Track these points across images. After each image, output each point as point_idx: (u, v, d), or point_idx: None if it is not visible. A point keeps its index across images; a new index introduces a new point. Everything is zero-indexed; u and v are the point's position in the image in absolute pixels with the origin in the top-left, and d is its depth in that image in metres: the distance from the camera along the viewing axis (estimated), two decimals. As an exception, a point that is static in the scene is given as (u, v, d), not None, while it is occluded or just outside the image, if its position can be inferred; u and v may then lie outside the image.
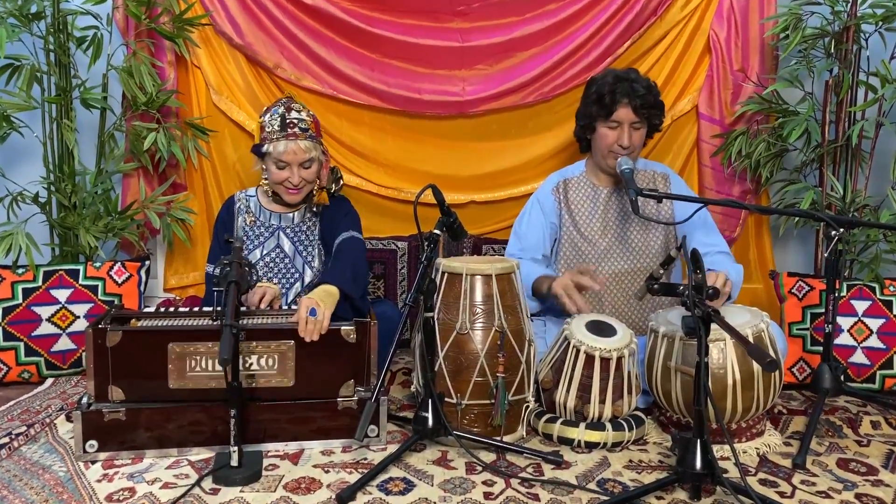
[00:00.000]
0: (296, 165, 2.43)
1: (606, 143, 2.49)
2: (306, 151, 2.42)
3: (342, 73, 3.03)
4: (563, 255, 2.58)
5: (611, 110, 2.45)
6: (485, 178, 3.16)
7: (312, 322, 2.05)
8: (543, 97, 3.06)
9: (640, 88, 2.44)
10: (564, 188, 2.61)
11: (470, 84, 3.06)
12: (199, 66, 3.03)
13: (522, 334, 2.17)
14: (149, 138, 2.77)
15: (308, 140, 2.43)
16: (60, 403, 2.44)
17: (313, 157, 2.45)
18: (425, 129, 3.13)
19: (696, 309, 1.78)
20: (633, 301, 2.53)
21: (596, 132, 2.53)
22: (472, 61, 3.05)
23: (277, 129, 2.42)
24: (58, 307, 2.69)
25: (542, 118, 3.12)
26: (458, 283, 2.16)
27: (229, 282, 1.87)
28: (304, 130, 2.43)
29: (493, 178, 3.16)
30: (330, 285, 2.20)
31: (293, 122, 2.42)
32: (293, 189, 2.47)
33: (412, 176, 3.16)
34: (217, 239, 2.60)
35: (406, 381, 2.73)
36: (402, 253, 3.16)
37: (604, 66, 3.01)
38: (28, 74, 2.70)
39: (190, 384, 2.03)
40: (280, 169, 2.45)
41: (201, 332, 2.04)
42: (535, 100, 3.06)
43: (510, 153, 3.15)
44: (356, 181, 3.14)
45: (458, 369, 2.13)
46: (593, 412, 2.13)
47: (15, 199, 2.78)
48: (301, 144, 2.41)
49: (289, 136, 2.41)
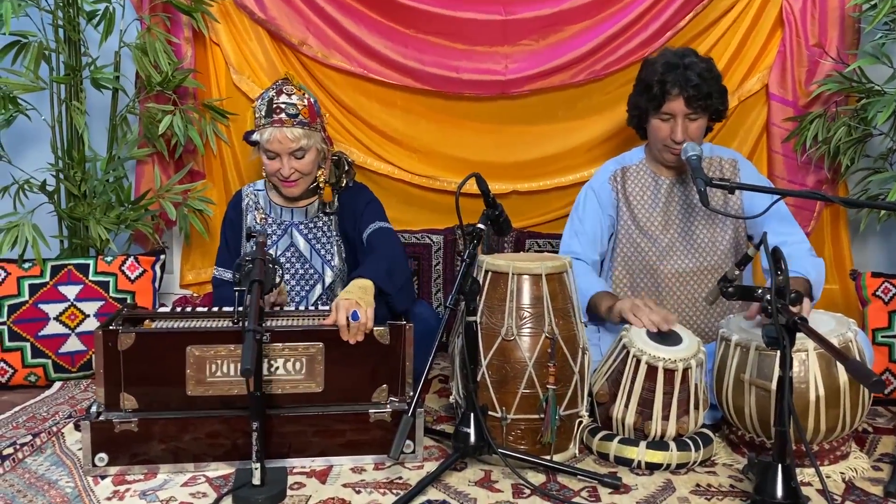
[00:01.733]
0: (285, 155, 2.35)
1: (660, 136, 2.39)
2: (294, 140, 2.33)
3: (373, 51, 2.97)
4: (620, 252, 2.48)
5: (661, 102, 2.35)
6: (528, 166, 3.07)
7: (355, 325, 1.99)
8: (595, 76, 2.96)
9: (694, 77, 2.31)
10: (622, 177, 2.50)
11: (513, 61, 2.96)
12: (219, 43, 2.98)
13: (575, 341, 2.07)
14: (164, 121, 2.73)
15: (298, 127, 2.33)
16: (69, 410, 2.40)
17: (305, 146, 2.36)
18: (463, 112, 3.05)
19: (780, 316, 1.67)
20: (698, 304, 2.42)
21: (649, 124, 2.42)
22: (516, 36, 2.97)
23: (263, 114, 2.35)
24: (66, 305, 2.65)
25: (593, 99, 3.02)
26: (504, 284, 2.07)
27: (252, 281, 1.80)
28: (293, 116, 2.33)
29: (538, 165, 3.07)
30: (363, 279, 2.13)
31: (279, 108, 2.33)
32: (286, 181, 2.39)
33: (448, 163, 3.09)
34: (225, 239, 2.55)
35: (442, 389, 2.65)
36: (438, 247, 3.08)
37: (662, 41, 2.91)
38: (35, 52, 2.66)
39: (210, 391, 1.97)
40: (270, 159, 2.38)
41: (223, 334, 1.98)
42: (586, 78, 2.96)
43: (557, 138, 3.06)
44: (387, 168, 3.08)
45: (503, 380, 2.04)
46: (655, 429, 2.03)
47: (21, 187, 2.77)
48: (288, 132, 2.32)
49: (274, 123, 2.33)
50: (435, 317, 2.55)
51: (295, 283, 2.47)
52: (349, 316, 1.99)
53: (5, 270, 2.63)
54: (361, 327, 2.00)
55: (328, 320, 2.03)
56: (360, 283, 2.12)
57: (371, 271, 2.18)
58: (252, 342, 1.61)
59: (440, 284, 3.09)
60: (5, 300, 2.61)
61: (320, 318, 2.13)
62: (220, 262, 2.54)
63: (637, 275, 2.46)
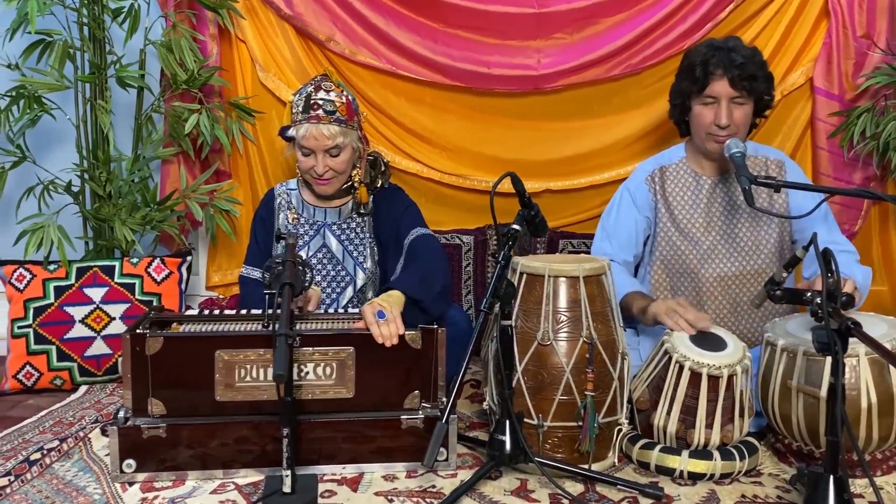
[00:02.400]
0: (320, 153, 2.37)
1: (703, 123, 2.35)
2: (330, 137, 2.34)
3: (402, 46, 2.96)
4: (660, 255, 2.45)
5: (704, 84, 2.32)
6: (562, 164, 3.05)
7: (384, 323, 1.99)
8: (631, 69, 2.93)
9: (739, 57, 2.30)
10: (661, 177, 2.47)
11: (546, 55, 2.94)
12: (245, 40, 2.99)
13: (615, 346, 2.05)
14: (190, 120, 2.75)
15: (335, 124, 2.35)
16: (95, 415, 2.42)
17: (341, 144, 2.37)
18: (494, 108, 3.04)
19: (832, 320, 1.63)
20: (741, 309, 2.39)
21: (692, 112, 2.39)
22: (549, 29, 2.94)
23: (301, 110, 2.37)
24: (92, 307, 2.67)
25: (630, 94, 3.00)
26: (539, 287, 2.05)
27: (283, 284, 1.79)
28: (330, 113, 2.35)
29: (572, 162, 3.05)
30: (391, 291, 2.16)
31: (317, 104, 2.35)
32: (319, 179, 2.40)
33: (479, 161, 3.08)
34: (255, 238, 2.56)
35: (474, 394, 2.63)
36: (468, 248, 3.07)
37: (701, 34, 2.87)
38: (60, 51, 2.70)
39: (239, 396, 1.97)
40: (305, 156, 2.40)
41: (252, 338, 1.98)
42: (622, 73, 2.94)
43: (592, 134, 3.04)
44: (416, 167, 3.08)
45: (539, 386, 2.02)
46: (698, 438, 2.00)
47: (46, 187, 2.79)
48: (324, 129, 2.34)
49: (311, 119, 2.35)
50: (466, 320, 2.56)
51: (326, 284, 2.47)
52: (376, 316, 2.00)
53: (31, 272, 2.66)
54: (391, 323, 2.00)
55: (359, 323, 2.04)
56: (387, 294, 2.15)
57: (402, 282, 2.21)
58: (285, 346, 1.61)
59: (471, 286, 3.07)
60: (31, 302, 2.64)
61: (350, 322, 2.14)
62: (249, 260, 2.55)
63: (677, 279, 2.43)
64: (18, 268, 2.67)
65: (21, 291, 2.64)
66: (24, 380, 2.63)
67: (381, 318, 2.01)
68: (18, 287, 2.65)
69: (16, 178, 2.87)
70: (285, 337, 1.64)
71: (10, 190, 2.83)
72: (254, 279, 2.50)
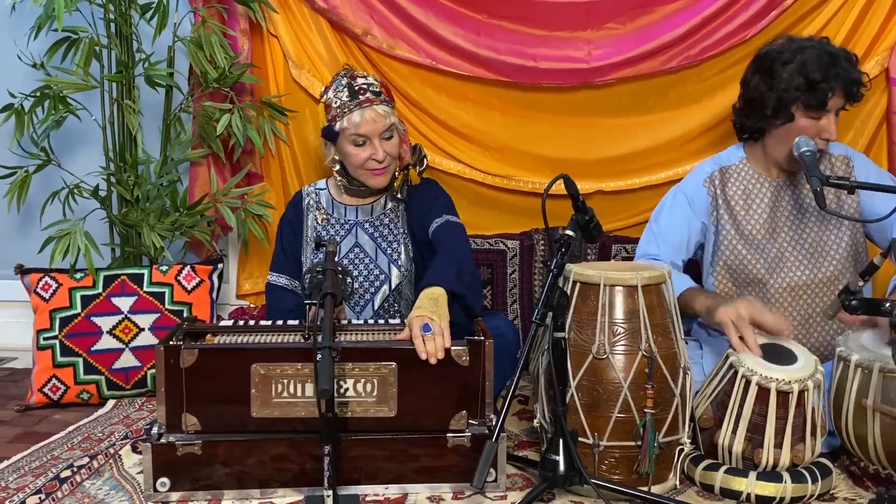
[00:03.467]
0: (376, 138, 2.44)
1: (809, 135, 2.32)
2: (386, 116, 2.45)
3: (443, 39, 3.00)
4: (722, 264, 2.46)
5: (824, 100, 2.30)
6: (614, 163, 3.07)
7: (430, 338, 2.02)
8: (689, 61, 2.94)
9: (851, 69, 2.33)
10: (721, 180, 2.48)
11: (597, 47, 2.96)
12: (277, 35, 3.05)
13: (676, 360, 2.07)
14: (222, 121, 2.81)
15: (384, 104, 2.46)
16: (124, 430, 2.49)
17: (393, 124, 2.48)
18: (541, 104, 3.06)
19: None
20: (813, 321, 2.39)
21: (793, 122, 2.34)
22: (601, 19, 2.97)
23: (347, 99, 2.44)
24: (120, 318, 2.76)
25: (688, 87, 3.01)
26: (594, 296, 2.08)
27: (324, 294, 1.84)
28: (378, 94, 2.46)
29: (626, 162, 3.07)
30: (433, 287, 2.17)
31: (362, 88, 2.45)
32: (379, 168, 2.47)
33: (525, 160, 3.11)
34: (281, 243, 2.63)
35: (522, 410, 2.67)
36: (513, 254, 3.10)
37: (766, 21, 2.88)
38: (86, 49, 2.78)
39: (276, 412, 2.02)
40: (359, 146, 2.46)
41: (290, 351, 2.03)
42: (679, 65, 2.95)
43: (646, 131, 3.05)
44: (457, 167, 3.12)
45: (594, 403, 2.05)
46: (766, 458, 2.01)
47: (71, 191, 2.88)
48: (379, 109, 2.44)
49: (363, 104, 2.43)
50: (513, 330, 2.60)
51: (359, 285, 2.53)
52: (422, 330, 2.03)
53: (57, 281, 2.76)
54: (437, 338, 2.03)
55: (402, 335, 2.08)
56: (429, 292, 2.16)
57: (439, 276, 2.22)
58: (329, 360, 1.66)
59: (516, 295, 3.10)
60: (57, 312, 2.73)
61: (392, 334, 2.18)
62: (275, 266, 2.62)
63: (743, 291, 2.44)
64: (44, 276, 2.77)
65: (47, 301, 2.74)
66: (50, 393, 2.73)
67: (428, 332, 2.03)
68: (44, 296, 2.75)
69: (40, 182, 2.96)
70: (329, 350, 1.68)
71: (34, 194, 2.92)
72: (280, 286, 2.57)
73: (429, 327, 2.04)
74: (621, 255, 3.03)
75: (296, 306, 2.46)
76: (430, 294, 2.17)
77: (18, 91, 2.82)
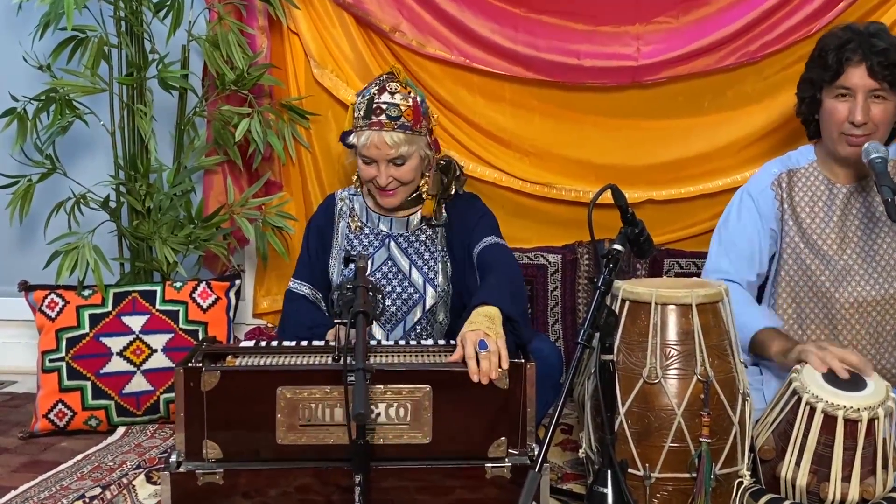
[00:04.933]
0: (382, 162, 2.51)
1: (835, 120, 2.41)
2: (393, 146, 2.49)
3: (477, 36, 3.08)
4: (785, 276, 2.51)
5: (838, 71, 2.37)
6: (666, 169, 3.14)
7: (485, 356, 2.08)
8: (748, 58, 3.00)
9: (881, 43, 2.34)
10: (788, 183, 2.54)
11: (647, 43, 3.04)
12: (298, 33, 3.15)
13: (734, 385, 2.12)
14: (241, 126, 2.90)
15: (399, 131, 2.49)
16: (137, 460, 2.60)
17: (406, 154, 2.51)
18: (585, 105, 3.14)
19: None
20: (884, 341, 2.43)
21: (822, 107, 2.45)
22: (650, 12, 3.04)
23: (362, 115, 2.51)
24: (131, 338, 2.87)
25: (747, 86, 3.06)
26: (645, 316, 2.14)
27: (357, 312, 1.93)
28: (394, 119, 2.49)
29: (678, 168, 3.13)
30: (488, 306, 2.23)
31: (379, 108, 2.50)
32: (383, 190, 2.55)
33: (567, 167, 3.18)
34: (307, 250, 2.70)
35: (566, 440, 2.73)
36: (555, 269, 3.17)
37: (832, 15, 2.93)
38: (95, 49, 2.88)
39: (303, 439, 2.11)
40: (367, 165, 2.54)
41: (318, 373, 2.11)
42: (737, 62, 3.01)
43: (701, 134, 3.11)
44: (492, 174, 3.19)
45: (645, 431, 2.10)
46: (833, 493, 2.04)
47: (78, 202, 2.97)
48: (386, 137, 2.48)
49: (372, 126, 2.49)
50: (556, 353, 2.62)
51: (391, 303, 2.59)
52: (478, 347, 2.08)
53: (63, 299, 2.87)
54: (493, 358, 2.08)
55: (454, 356, 2.13)
56: (484, 310, 2.21)
57: (494, 296, 2.27)
58: (363, 382, 1.74)
59: (558, 314, 3.17)
60: (64, 332, 2.84)
61: (425, 356, 2.25)
62: (299, 273, 2.70)
63: (806, 305, 2.49)
64: (50, 293, 2.88)
65: (53, 320, 2.85)
66: (56, 419, 2.83)
67: (484, 350, 2.08)
68: (50, 315, 2.86)
69: (44, 192, 3.06)
70: (364, 372, 1.77)
71: (38, 205, 3.03)
72: (302, 295, 2.65)
73: (485, 344, 2.09)
74: (675, 270, 3.07)
75: (314, 324, 2.52)
76: (484, 311, 2.22)
77: (21, 94, 2.93)
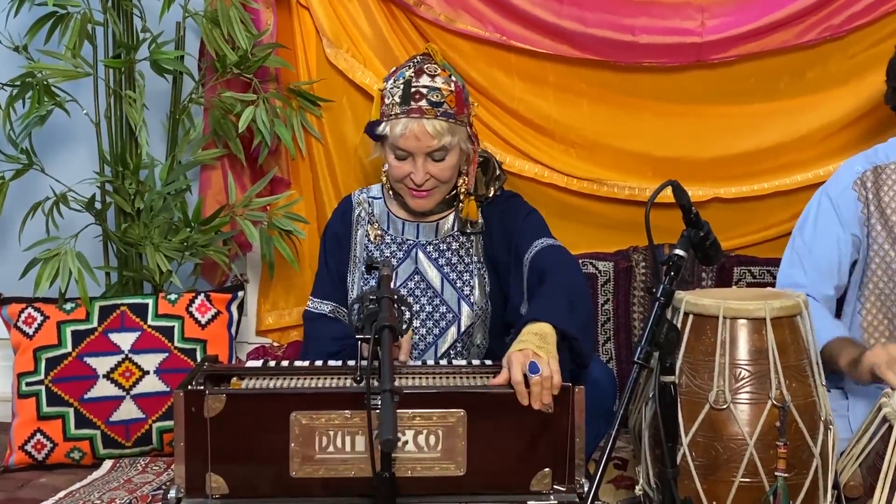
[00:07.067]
0: (420, 156, 2.54)
1: None
2: (436, 136, 2.52)
3: (514, 9, 3.12)
4: (874, 287, 2.56)
5: None
6: (736, 163, 3.18)
7: (537, 382, 2.11)
8: (832, 33, 3.03)
9: None
10: (874, 181, 2.58)
11: (712, 16, 3.07)
12: (308, 7, 3.19)
13: (815, 411, 2.16)
14: (245, 115, 2.94)
15: (441, 119, 2.53)
16: (127, 497, 2.65)
17: (448, 145, 2.55)
18: (641, 89, 3.18)
19: None
20: None
21: None
22: (718, -21, 3.06)
23: (398, 101, 2.54)
24: (119, 358, 2.92)
25: (831, 66, 3.10)
26: (712, 332, 2.18)
27: (382, 326, 1.99)
28: (436, 105, 2.53)
29: (750, 161, 3.17)
30: (540, 323, 2.25)
31: (419, 92, 2.53)
32: (417, 191, 2.58)
33: (619, 160, 3.23)
34: (325, 262, 2.75)
35: (620, 477, 2.76)
36: (606, 279, 3.22)
37: (932, -19, 2.94)
38: (77, 27, 2.91)
39: (320, 471, 2.17)
40: (400, 160, 2.57)
41: (337, 396, 2.18)
42: (818, 37, 3.04)
43: (777, 122, 3.14)
44: (533, 169, 3.24)
45: (713, 463, 2.14)
46: (931, 536, 2.10)
47: (58, 202, 3.00)
48: (428, 126, 2.51)
49: (412, 113, 2.52)
50: (609, 377, 2.64)
51: (419, 323, 2.64)
52: (526, 371, 2.11)
53: (42, 313, 2.93)
54: (546, 382, 2.11)
55: (498, 380, 2.17)
56: (535, 328, 2.24)
57: (547, 310, 2.29)
58: (391, 405, 1.79)
59: (610, 331, 3.22)
60: (43, 352, 2.90)
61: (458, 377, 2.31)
62: (318, 290, 2.75)
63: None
64: (26, 307, 2.94)
65: (30, 338, 2.91)
66: (34, 452, 2.89)
67: (535, 374, 2.10)
68: (27, 332, 2.92)
69: (19, 191, 3.13)
70: (391, 393, 1.83)
71: (11, 206, 3.09)
72: (322, 314, 2.71)
73: (536, 367, 2.11)
74: (746, 280, 3.11)
75: (344, 335, 2.55)
76: (535, 329, 2.24)
77: (-7, 80, 3.00)
